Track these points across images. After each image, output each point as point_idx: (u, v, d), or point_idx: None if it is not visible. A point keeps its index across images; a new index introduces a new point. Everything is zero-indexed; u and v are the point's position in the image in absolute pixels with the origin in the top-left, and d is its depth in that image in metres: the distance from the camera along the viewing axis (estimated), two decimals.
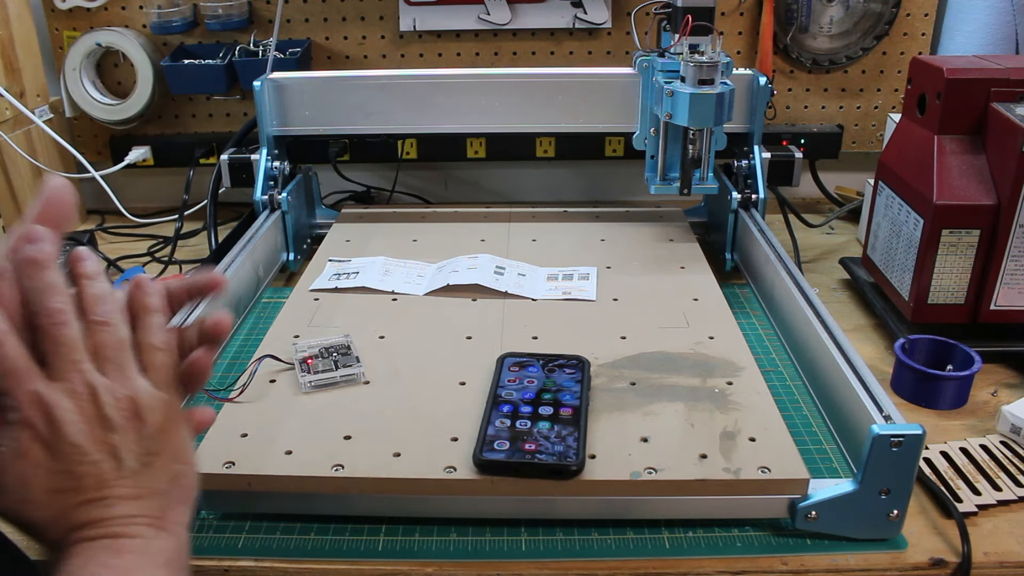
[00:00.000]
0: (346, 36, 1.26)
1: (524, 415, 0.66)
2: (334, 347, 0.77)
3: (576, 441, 0.63)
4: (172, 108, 1.30)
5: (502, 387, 0.70)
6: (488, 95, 1.06)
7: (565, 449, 0.62)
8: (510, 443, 0.63)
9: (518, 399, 0.68)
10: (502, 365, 0.74)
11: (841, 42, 1.24)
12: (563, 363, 0.74)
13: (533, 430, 0.64)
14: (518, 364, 0.74)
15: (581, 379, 0.72)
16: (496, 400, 0.69)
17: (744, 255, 1.02)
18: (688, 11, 0.92)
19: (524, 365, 0.73)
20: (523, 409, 0.67)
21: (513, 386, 0.70)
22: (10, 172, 1.10)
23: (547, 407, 0.67)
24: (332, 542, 0.63)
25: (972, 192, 0.81)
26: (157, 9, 1.21)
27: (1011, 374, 0.84)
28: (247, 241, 0.97)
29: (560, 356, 0.75)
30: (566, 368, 0.73)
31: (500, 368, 0.74)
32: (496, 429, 0.65)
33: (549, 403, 0.68)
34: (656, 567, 0.61)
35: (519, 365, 0.74)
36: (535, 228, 1.09)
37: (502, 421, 0.66)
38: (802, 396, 0.79)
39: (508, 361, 0.74)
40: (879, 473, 0.59)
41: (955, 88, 0.82)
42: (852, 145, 1.31)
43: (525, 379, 0.71)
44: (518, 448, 0.62)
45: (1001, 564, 0.61)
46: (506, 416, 0.66)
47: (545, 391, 0.69)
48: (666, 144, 1.00)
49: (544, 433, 0.64)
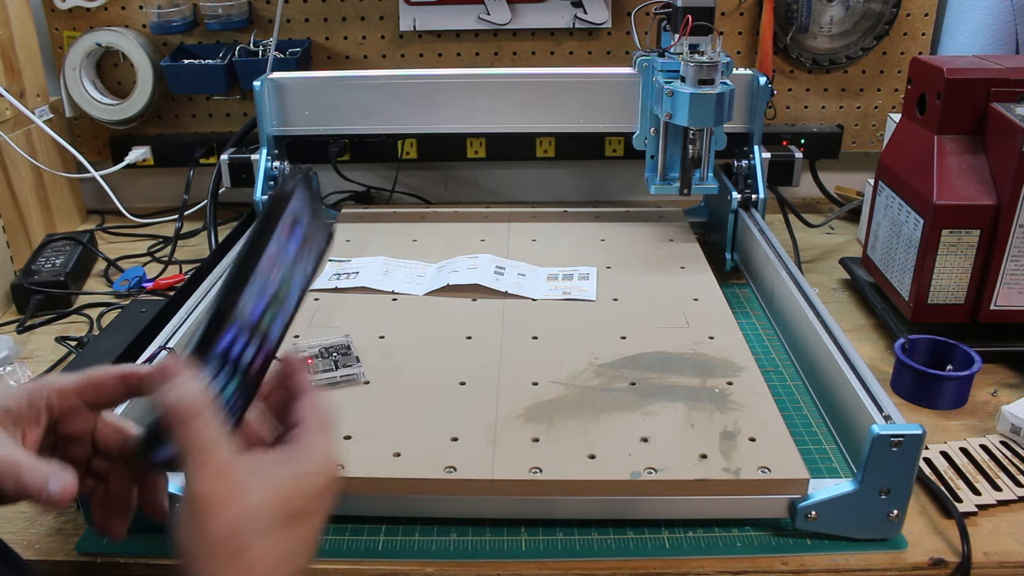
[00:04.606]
0: (346, 36, 1.26)
1: (231, 363, 0.42)
2: (334, 347, 0.77)
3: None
4: (172, 108, 1.30)
5: (252, 280, 0.42)
6: (488, 95, 1.06)
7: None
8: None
9: (248, 322, 0.42)
10: (282, 208, 0.43)
11: (841, 42, 1.24)
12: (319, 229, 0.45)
13: (218, 401, 0.41)
14: (296, 215, 0.43)
15: (311, 273, 0.45)
16: (224, 316, 0.41)
17: (744, 255, 1.02)
18: (688, 11, 0.92)
19: (295, 223, 0.43)
20: (235, 349, 0.42)
21: (261, 278, 0.42)
22: (10, 172, 1.10)
23: (254, 346, 0.43)
24: (332, 542, 0.63)
25: (972, 192, 0.81)
26: (157, 9, 1.21)
27: (1011, 374, 0.84)
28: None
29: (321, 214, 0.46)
30: (312, 242, 0.45)
31: (278, 215, 0.42)
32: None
33: (263, 335, 0.43)
34: (656, 567, 0.61)
35: (295, 216, 0.43)
36: (535, 228, 1.09)
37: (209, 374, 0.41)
38: (802, 396, 0.79)
39: (296, 202, 0.43)
40: (879, 473, 0.59)
41: (955, 88, 0.82)
42: (852, 145, 1.31)
43: (280, 261, 0.43)
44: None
45: (1001, 564, 0.61)
46: (219, 356, 0.41)
47: (273, 303, 0.43)
48: (666, 144, 1.00)
49: (222, 410, 0.41)
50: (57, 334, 0.95)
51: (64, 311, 1.01)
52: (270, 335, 0.43)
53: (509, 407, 0.70)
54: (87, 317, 1.00)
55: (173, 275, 1.09)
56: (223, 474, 0.39)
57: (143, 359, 0.71)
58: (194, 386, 0.40)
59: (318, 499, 0.41)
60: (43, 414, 0.45)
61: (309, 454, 0.42)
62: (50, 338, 0.95)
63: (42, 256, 1.08)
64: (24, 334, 0.97)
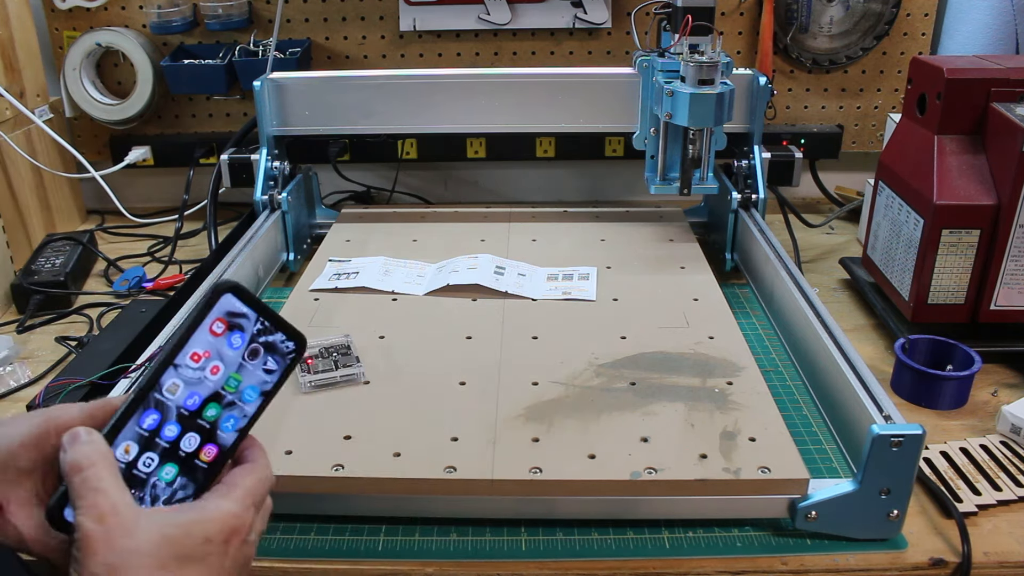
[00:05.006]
0: (346, 36, 1.26)
1: (160, 444, 0.45)
2: (334, 347, 0.77)
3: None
4: (172, 108, 1.30)
5: (175, 369, 0.46)
6: (488, 95, 1.06)
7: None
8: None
9: (174, 406, 0.46)
10: (207, 310, 0.46)
11: (841, 42, 1.24)
12: (281, 339, 0.48)
13: (150, 481, 0.45)
14: (230, 318, 0.47)
15: (277, 380, 0.48)
16: (143, 397, 0.45)
17: (744, 255, 1.02)
18: (688, 11, 0.92)
19: (233, 326, 0.47)
20: (165, 432, 0.45)
21: (190, 370, 0.46)
22: (10, 172, 1.10)
23: (194, 436, 0.46)
24: (332, 542, 0.63)
25: (972, 192, 0.81)
26: (157, 9, 1.21)
27: (1011, 374, 0.84)
28: (247, 241, 0.97)
29: (285, 326, 0.48)
30: (276, 351, 0.48)
31: (202, 315, 0.46)
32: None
33: (203, 427, 0.46)
34: (656, 567, 0.61)
35: (230, 321, 0.47)
36: (535, 228, 1.09)
37: (127, 448, 0.45)
38: (802, 396, 0.79)
39: (221, 307, 0.46)
40: (879, 473, 0.59)
41: (955, 88, 0.82)
42: (852, 145, 1.31)
43: (215, 360, 0.46)
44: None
45: (1001, 564, 0.61)
46: (141, 435, 0.45)
47: (215, 399, 0.47)
48: (666, 144, 1.00)
49: (159, 491, 0.45)
50: (57, 334, 0.95)
51: (64, 311, 1.01)
52: (218, 431, 0.47)
53: (509, 407, 0.70)
54: (87, 317, 1.00)
55: (173, 275, 1.09)
56: (106, 516, 0.40)
57: (143, 359, 0.71)
58: (92, 445, 0.43)
59: (208, 545, 0.42)
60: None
61: (206, 506, 0.44)
62: (50, 338, 0.95)
63: (42, 256, 1.08)
64: (24, 334, 0.97)
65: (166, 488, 0.45)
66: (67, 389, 0.72)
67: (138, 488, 0.45)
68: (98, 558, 0.39)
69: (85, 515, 0.40)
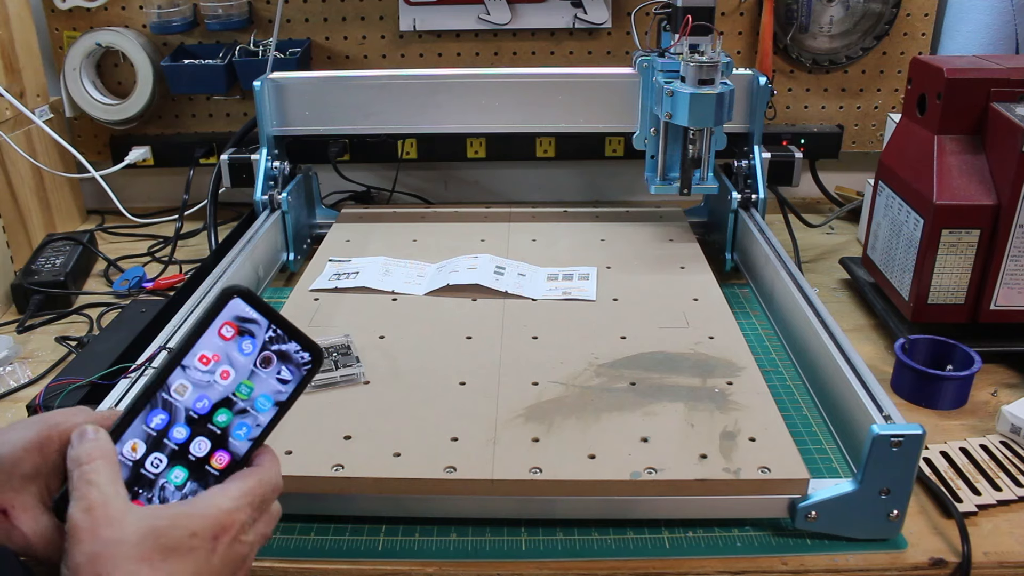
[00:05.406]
0: (346, 36, 1.26)
1: (169, 445, 0.45)
2: (334, 347, 0.77)
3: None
4: (172, 108, 1.30)
5: (183, 370, 0.46)
6: (488, 95, 1.06)
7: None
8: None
9: (183, 408, 0.46)
10: (215, 313, 0.46)
11: (841, 42, 1.24)
12: (296, 349, 0.47)
13: (159, 482, 0.45)
14: (239, 322, 0.46)
15: (293, 390, 0.47)
16: (151, 395, 0.45)
17: (744, 255, 1.02)
18: (688, 11, 0.92)
19: (243, 332, 0.46)
20: (174, 433, 0.46)
21: (199, 372, 0.46)
22: (10, 172, 1.10)
23: (204, 440, 0.46)
24: (332, 542, 0.63)
25: (972, 192, 0.81)
26: (157, 9, 1.21)
27: (1011, 374, 0.84)
28: (247, 241, 0.97)
29: (300, 336, 0.48)
30: (290, 361, 0.47)
31: (209, 317, 0.46)
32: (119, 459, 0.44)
33: (214, 432, 0.46)
34: (656, 567, 0.61)
35: (239, 326, 0.46)
36: (535, 228, 1.09)
37: (134, 445, 0.45)
38: (802, 396, 0.79)
39: (229, 310, 0.46)
40: (879, 473, 0.59)
41: (955, 88, 0.82)
42: (852, 145, 1.31)
43: (224, 364, 0.46)
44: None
45: (1001, 564, 0.61)
46: (148, 434, 0.45)
47: (226, 404, 0.46)
48: (666, 144, 1.00)
49: (168, 493, 0.45)
50: (57, 334, 0.95)
51: (64, 311, 1.01)
52: (230, 437, 0.46)
53: (509, 407, 0.70)
54: (87, 317, 1.00)
55: (173, 275, 1.09)
56: (94, 508, 0.41)
57: (143, 359, 0.71)
58: (96, 443, 0.43)
59: (194, 539, 0.42)
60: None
61: (196, 501, 0.44)
62: (50, 338, 0.95)
63: (42, 256, 1.08)
64: (24, 334, 0.97)
65: (176, 492, 0.45)
66: (67, 389, 0.72)
67: (146, 488, 0.45)
68: (82, 547, 0.40)
69: (75, 506, 0.41)
